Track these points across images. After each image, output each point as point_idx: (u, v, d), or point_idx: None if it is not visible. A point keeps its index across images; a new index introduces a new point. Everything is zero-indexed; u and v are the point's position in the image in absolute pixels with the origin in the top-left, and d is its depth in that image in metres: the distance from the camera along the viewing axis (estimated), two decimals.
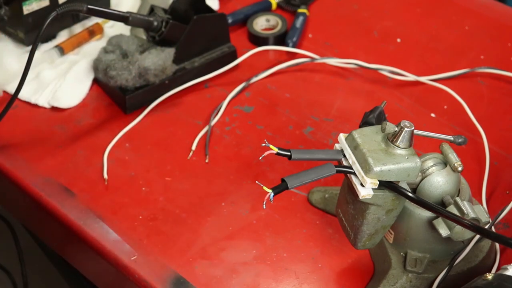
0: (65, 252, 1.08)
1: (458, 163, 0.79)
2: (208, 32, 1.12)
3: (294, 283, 0.89)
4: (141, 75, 1.06)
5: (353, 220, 0.82)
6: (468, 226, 0.74)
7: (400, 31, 1.24)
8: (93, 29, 1.19)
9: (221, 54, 1.14)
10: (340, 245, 0.92)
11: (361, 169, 0.75)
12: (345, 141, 0.78)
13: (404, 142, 0.75)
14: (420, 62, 1.18)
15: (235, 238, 0.93)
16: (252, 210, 0.96)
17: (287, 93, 1.13)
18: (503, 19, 1.27)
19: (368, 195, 0.76)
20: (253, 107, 1.11)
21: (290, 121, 1.08)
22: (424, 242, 0.84)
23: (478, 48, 1.21)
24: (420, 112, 1.10)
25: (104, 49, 1.10)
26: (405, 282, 0.85)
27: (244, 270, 0.90)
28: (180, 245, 0.92)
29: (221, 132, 1.06)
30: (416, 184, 0.82)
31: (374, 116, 0.90)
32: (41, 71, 1.12)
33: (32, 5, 1.10)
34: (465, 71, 1.15)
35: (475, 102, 1.09)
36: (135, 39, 1.10)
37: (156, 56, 1.06)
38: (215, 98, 1.11)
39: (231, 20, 1.22)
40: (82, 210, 0.96)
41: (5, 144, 1.04)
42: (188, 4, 1.12)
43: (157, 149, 1.05)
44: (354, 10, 1.29)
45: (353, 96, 1.13)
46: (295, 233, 0.94)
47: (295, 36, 1.20)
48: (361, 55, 1.18)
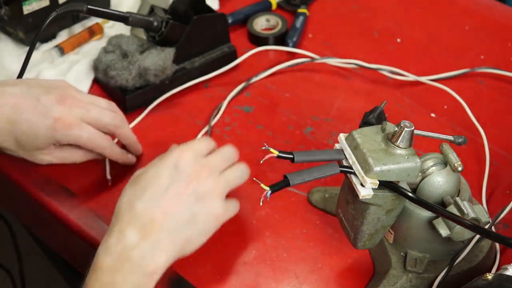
0: (65, 252, 1.08)
1: (458, 163, 0.79)
2: (208, 32, 1.12)
3: (294, 283, 0.89)
4: (141, 75, 1.06)
5: (353, 220, 0.82)
6: (468, 226, 0.74)
7: (400, 31, 1.24)
8: (93, 29, 1.19)
9: (221, 54, 1.14)
10: (340, 245, 0.92)
11: (361, 169, 0.75)
12: (345, 141, 0.78)
13: (404, 142, 0.75)
14: (420, 62, 1.18)
15: (235, 238, 0.93)
16: (252, 210, 0.96)
17: (287, 93, 1.13)
18: (503, 19, 1.27)
19: (368, 195, 0.76)
20: (253, 107, 1.11)
21: (290, 121, 1.08)
22: (424, 242, 0.84)
23: (478, 48, 1.21)
24: (420, 112, 1.10)
25: (104, 49, 1.10)
26: (405, 282, 0.85)
27: (244, 270, 0.90)
28: None
29: (221, 132, 1.06)
30: (416, 184, 0.82)
31: (374, 116, 0.90)
32: (41, 71, 1.12)
33: (32, 5, 1.10)
34: (465, 71, 1.15)
35: (475, 102, 1.09)
36: (135, 39, 1.10)
37: (156, 56, 1.06)
38: (215, 98, 1.11)
39: (231, 20, 1.22)
40: (82, 210, 0.96)
41: None
42: (188, 4, 1.12)
43: (157, 149, 1.04)
44: (354, 10, 1.29)
45: (353, 96, 1.13)
46: (295, 233, 0.94)
47: (295, 36, 1.20)
48: (361, 55, 1.18)
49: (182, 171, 0.81)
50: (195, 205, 0.80)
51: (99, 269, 0.76)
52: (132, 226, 0.77)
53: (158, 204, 0.79)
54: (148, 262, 0.77)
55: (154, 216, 0.78)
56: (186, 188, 0.80)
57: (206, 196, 0.81)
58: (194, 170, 0.81)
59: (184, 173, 0.81)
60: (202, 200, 0.81)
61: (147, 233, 0.77)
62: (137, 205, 0.79)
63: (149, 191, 0.79)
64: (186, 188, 0.80)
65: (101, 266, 0.77)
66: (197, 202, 0.80)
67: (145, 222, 0.78)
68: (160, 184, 0.80)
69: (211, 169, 0.83)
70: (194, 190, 0.80)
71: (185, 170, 0.81)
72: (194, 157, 0.82)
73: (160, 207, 0.79)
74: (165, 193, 0.79)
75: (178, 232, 0.79)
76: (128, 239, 0.77)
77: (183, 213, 0.79)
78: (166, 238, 0.78)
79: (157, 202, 0.79)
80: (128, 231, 0.77)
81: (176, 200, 0.79)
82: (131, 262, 0.76)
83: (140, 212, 0.78)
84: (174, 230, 0.79)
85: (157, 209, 0.78)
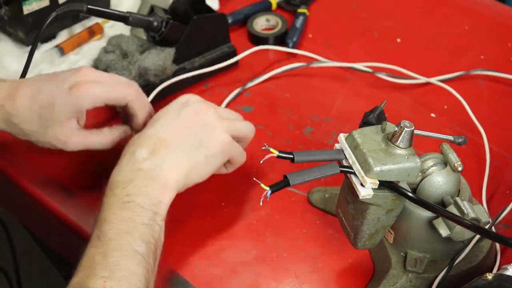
0: (65, 252, 1.08)
1: (458, 163, 0.79)
2: (208, 32, 1.12)
3: (294, 283, 0.89)
4: (141, 75, 1.06)
5: (353, 220, 0.82)
6: (468, 226, 0.74)
7: (400, 31, 1.24)
8: (93, 29, 1.19)
9: (221, 54, 1.14)
10: (340, 245, 0.92)
11: (361, 169, 0.75)
12: (345, 141, 0.78)
13: (404, 142, 0.75)
14: (420, 62, 1.18)
15: (235, 238, 0.93)
16: (252, 210, 0.96)
17: (287, 93, 1.13)
18: (503, 19, 1.27)
19: (368, 195, 0.76)
20: (253, 107, 1.11)
21: (290, 121, 1.08)
22: (424, 242, 0.84)
23: (478, 48, 1.21)
24: (420, 112, 1.10)
25: (104, 49, 1.10)
26: (405, 282, 0.85)
27: (244, 270, 0.90)
28: (180, 245, 0.92)
29: None
30: (416, 184, 0.82)
31: (374, 116, 0.91)
32: (41, 71, 1.12)
33: (32, 5, 1.10)
34: (465, 71, 1.15)
35: (475, 102, 1.09)
36: (135, 39, 1.10)
37: (156, 56, 1.06)
38: (215, 98, 1.11)
39: (231, 20, 1.22)
40: (82, 210, 0.96)
41: (5, 144, 1.04)
42: (188, 4, 1.12)
43: None
44: (354, 10, 1.29)
45: (353, 96, 1.13)
46: (295, 233, 0.94)
47: (295, 36, 1.20)
48: (361, 55, 1.18)
49: (190, 106, 0.88)
50: (202, 133, 0.86)
51: (113, 183, 0.81)
52: (142, 146, 0.83)
53: (167, 128, 0.86)
54: (158, 173, 0.81)
55: (163, 137, 0.84)
56: (193, 117, 0.87)
57: (212, 126, 0.87)
58: (200, 107, 0.88)
59: (192, 108, 0.88)
60: (209, 130, 0.87)
61: (156, 150, 0.83)
62: (148, 131, 0.85)
63: (158, 121, 0.86)
64: (193, 118, 0.87)
65: (114, 181, 0.81)
66: (204, 130, 0.86)
67: (154, 141, 0.84)
68: (169, 114, 0.87)
69: (216, 110, 0.90)
70: (201, 120, 0.87)
71: (193, 105, 0.88)
72: (201, 100, 0.90)
73: (168, 130, 0.85)
74: (173, 120, 0.86)
75: (186, 152, 0.84)
76: (138, 155, 0.82)
77: (190, 137, 0.85)
78: (174, 156, 0.83)
79: (166, 126, 0.86)
80: (138, 150, 0.83)
81: (184, 126, 0.86)
82: (143, 173, 0.81)
83: (150, 134, 0.85)
84: (182, 150, 0.84)
85: (166, 132, 0.85)
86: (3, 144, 1.04)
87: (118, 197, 0.79)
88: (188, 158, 0.84)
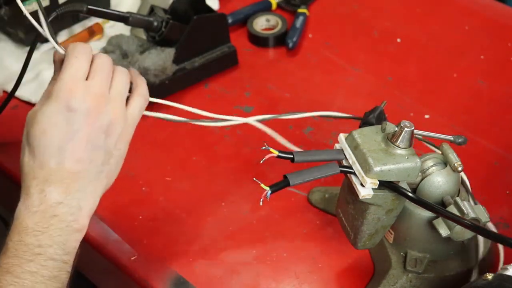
0: None
1: (458, 163, 0.79)
2: (208, 32, 1.12)
3: (294, 283, 0.89)
4: (141, 75, 1.06)
5: (353, 220, 0.82)
6: (468, 226, 0.74)
7: (400, 31, 1.24)
8: (93, 29, 1.19)
9: (221, 54, 1.14)
10: (340, 245, 0.92)
11: (361, 169, 0.75)
12: (345, 141, 0.78)
13: (404, 142, 0.75)
14: (420, 62, 1.18)
15: (235, 238, 0.93)
16: (252, 210, 0.96)
17: (287, 93, 1.13)
18: (503, 19, 1.27)
19: (368, 195, 0.76)
20: (253, 107, 1.11)
21: (290, 121, 1.08)
22: (424, 242, 0.84)
23: (478, 48, 1.21)
24: (420, 112, 1.10)
25: (104, 49, 1.10)
26: (405, 282, 0.85)
27: (244, 270, 0.90)
28: (180, 245, 0.92)
29: (221, 132, 1.06)
30: (416, 184, 0.82)
31: (374, 116, 0.90)
32: (41, 71, 1.12)
33: (32, 5, 1.10)
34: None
35: (475, 102, 1.09)
36: (135, 39, 1.10)
37: (156, 56, 1.06)
38: (215, 98, 1.11)
39: (231, 20, 1.22)
40: None
41: (5, 144, 1.04)
42: (188, 4, 1.12)
43: (157, 149, 1.05)
44: (354, 10, 1.29)
45: (353, 96, 1.13)
46: (295, 233, 0.94)
47: (295, 36, 1.20)
48: (361, 55, 1.18)
49: (77, 111, 0.73)
50: (106, 140, 0.75)
51: (23, 229, 0.72)
52: (51, 184, 0.73)
53: (69, 155, 0.73)
54: (76, 217, 0.73)
55: (70, 168, 0.73)
56: (89, 127, 0.74)
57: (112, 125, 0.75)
58: (89, 106, 0.74)
59: (81, 113, 0.73)
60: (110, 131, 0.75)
61: (69, 188, 0.73)
62: (49, 162, 0.73)
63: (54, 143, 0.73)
64: (90, 127, 0.74)
65: (24, 225, 0.72)
66: (107, 136, 0.75)
67: (63, 177, 0.73)
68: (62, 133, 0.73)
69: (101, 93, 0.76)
70: (99, 126, 0.74)
71: (81, 109, 0.73)
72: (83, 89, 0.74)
73: (72, 156, 0.73)
74: (70, 141, 0.73)
75: (98, 173, 0.75)
76: (51, 198, 0.72)
77: (97, 153, 0.75)
78: (89, 184, 0.74)
79: (67, 152, 0.73)
80: (48, 190, 0.73)
81: (86, 142, 0.74)
82: (58, 219, 0.72)
83: (55, 168, 0.73)
84: (95, 173, 0.75)
85: (70, 159, 0.73)
86: (3, 144, 1.04)
87: (28, 247, 0.71)
88: (102, 177, 0.76)
